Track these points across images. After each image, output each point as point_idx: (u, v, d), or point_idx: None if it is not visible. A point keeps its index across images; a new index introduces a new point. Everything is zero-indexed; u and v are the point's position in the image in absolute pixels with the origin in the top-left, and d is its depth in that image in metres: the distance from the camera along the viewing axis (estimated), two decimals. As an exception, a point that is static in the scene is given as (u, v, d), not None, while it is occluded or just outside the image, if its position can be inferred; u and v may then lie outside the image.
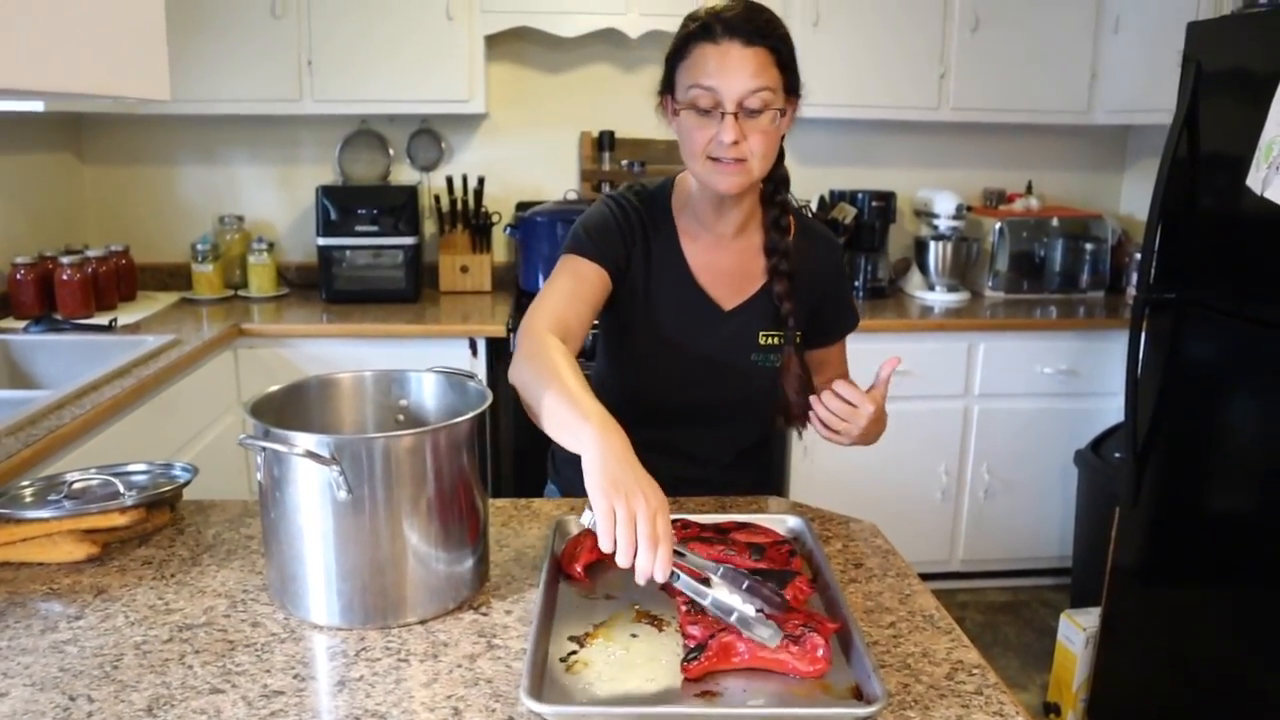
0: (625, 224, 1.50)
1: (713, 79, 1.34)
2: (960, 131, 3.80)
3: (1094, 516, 3.08)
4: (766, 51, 1.35)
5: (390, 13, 3.17)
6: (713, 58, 1.35)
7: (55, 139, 3.38)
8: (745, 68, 1.34)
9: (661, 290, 1.52)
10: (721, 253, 1.53)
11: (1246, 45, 2.21)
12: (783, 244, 1.49)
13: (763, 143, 1.37)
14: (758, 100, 1.34)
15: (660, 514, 1.03)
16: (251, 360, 3.01)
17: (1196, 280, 2.35)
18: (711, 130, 1.36)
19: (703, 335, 1.52)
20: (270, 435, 1.10)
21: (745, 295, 1.53)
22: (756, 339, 1.52)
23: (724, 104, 1.34)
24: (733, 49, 1.34)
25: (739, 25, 1.34)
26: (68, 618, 1.15)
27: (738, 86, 1.34)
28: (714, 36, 1.35)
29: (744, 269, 1.53)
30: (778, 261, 1.50)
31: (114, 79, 1.27)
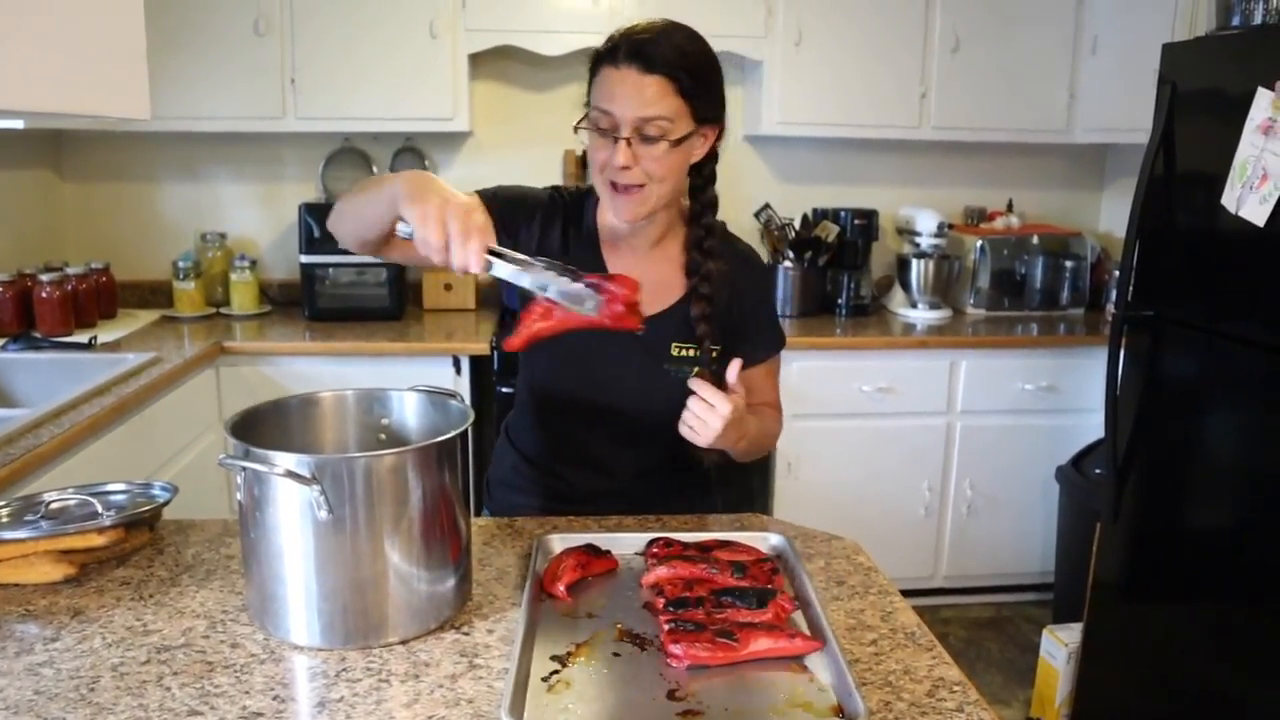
0: (549, 215, 1.52)
1: (610, 103, 1.35)
2: (941, 150, 3.84)
3: (1075, 532, 3.09)
4: (665, 80, 1.34)
5: (374, 31, 3.17)
6: (613, 81, 1.36)
7: (35, 156, 3.37)
8: (640, 95, 1.34)
9: None
10: (638, 261, 1.52)
11: (1221, 66, 2.24)
12: (704, 266, 1.49)
13: (660, 168, 1.37)
14: (654, 128, 1.35)
15: (472, 212, 1.13)
16: (233, 378, 3.00)
17: (1174, 297, 2.37)
18: (608, 151, 1.37)
19: (615, 339, 1.51)
20: (250, 455, 1.09)
21: (661, 305, 1.52)
22: (669, 349, 1.51)
23: (619, 128, 1.35)
24: (630, 75, 1.34)
25: (640, 51, 1.34)
26: (44, 639, 1.14)
27: (631, 112, 1.34)
28: (616, 60, 1.36)
29: (662, 280, 1.52)
30: (697, 283, 1.49)
31: (94, 98, 1.27)
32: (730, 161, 3.85)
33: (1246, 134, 2.10)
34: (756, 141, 3.76)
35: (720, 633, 1.10)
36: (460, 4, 3.19)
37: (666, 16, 1.47)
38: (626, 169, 1.36)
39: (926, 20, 3.41)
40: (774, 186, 3.80)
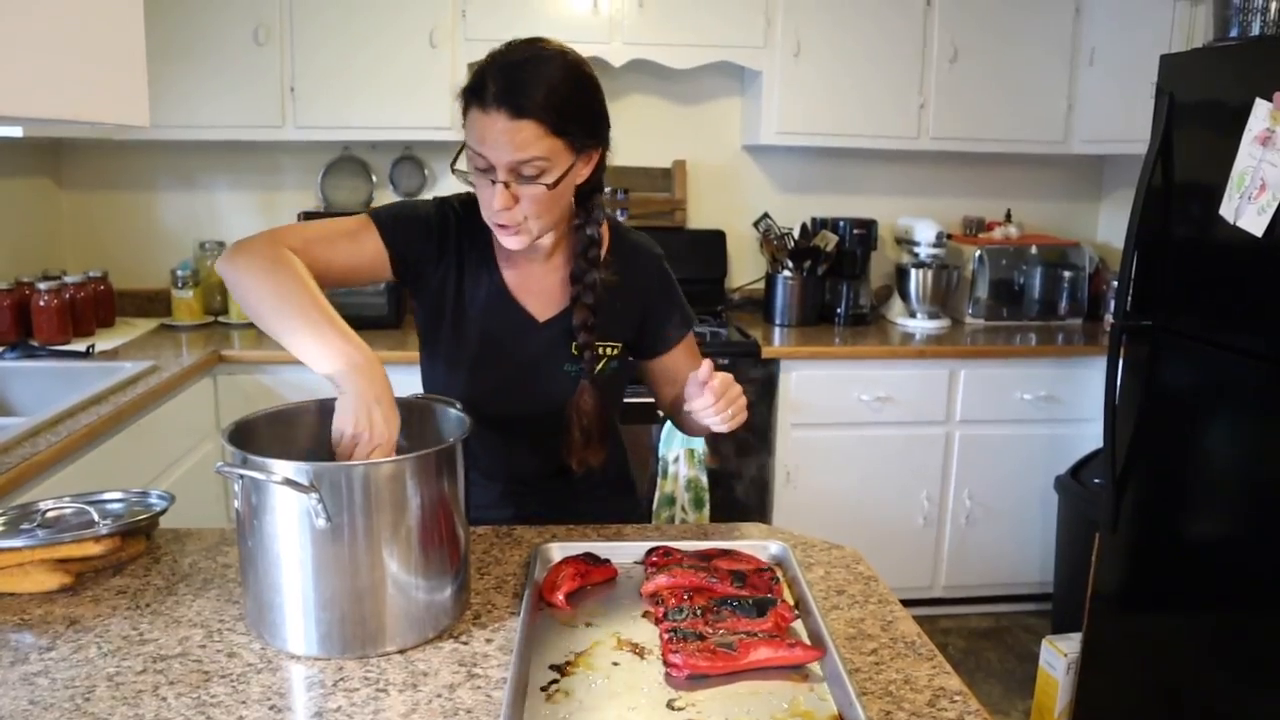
0: (441, 228, 1.49)
1: (482, 147, 1.32)
2: (940, 160, 3.84)
3: (1074, 542, 3.09)
4: (536, 124, 1.29)
5: (373, 40, 3.18)
6: (483, 125, 1.31)
7: (33, 164, 3.37)
8: (511, 141, 1.29)
9: (475, 300, 1.51)
10: (534, 270, 1.53)
11: (1218, 77, 2.24)
12: (589, 275, 1.48)
13: (537, 205, 1.35)
14: (530, 169, 1.32)
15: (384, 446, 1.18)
16: (231, 387, 2.99)
17: (1172, 308, 2.37)
18: (488, 191, 1.35)
19: (517, 344, 1.52)
20: (248, 463, 1.09)
21: (558, 309, 1.53)
22: (569, 349, 1.51)
23: (494, 171, 1.33)
24: (499, 120, 1.29)
25: (506, 96, 1.28)
26: (39, 649, 1.13)
27: (506, 157, 1.30)
28: (484, 102, 1.30)
29: (557, 285, 1.53)
30: (580, 291, 1.49)
31: (93, 106, 1.27)
32: (729, 171, 3.88)
33: (1244, 145, 2.11)
34: (755, 151, 3.76)
35: (720, 642, 1.09)
36: (460, 13, 3.19)
37: (655, 28, 1.46)
38: (506, 210, 1.34)
39: (925, 31, 3.42)
40: (773, 196, 3.80)
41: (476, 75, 1.34)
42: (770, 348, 3.19)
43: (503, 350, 1.52)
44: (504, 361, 1.52)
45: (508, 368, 1.53)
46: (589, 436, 1.52)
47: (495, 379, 1.53)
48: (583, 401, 1.51)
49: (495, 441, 1.56)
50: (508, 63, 1.33)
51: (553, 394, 1.52)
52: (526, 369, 1.53)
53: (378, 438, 1.17)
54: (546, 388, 1.53)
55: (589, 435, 1.52)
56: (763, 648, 1.09)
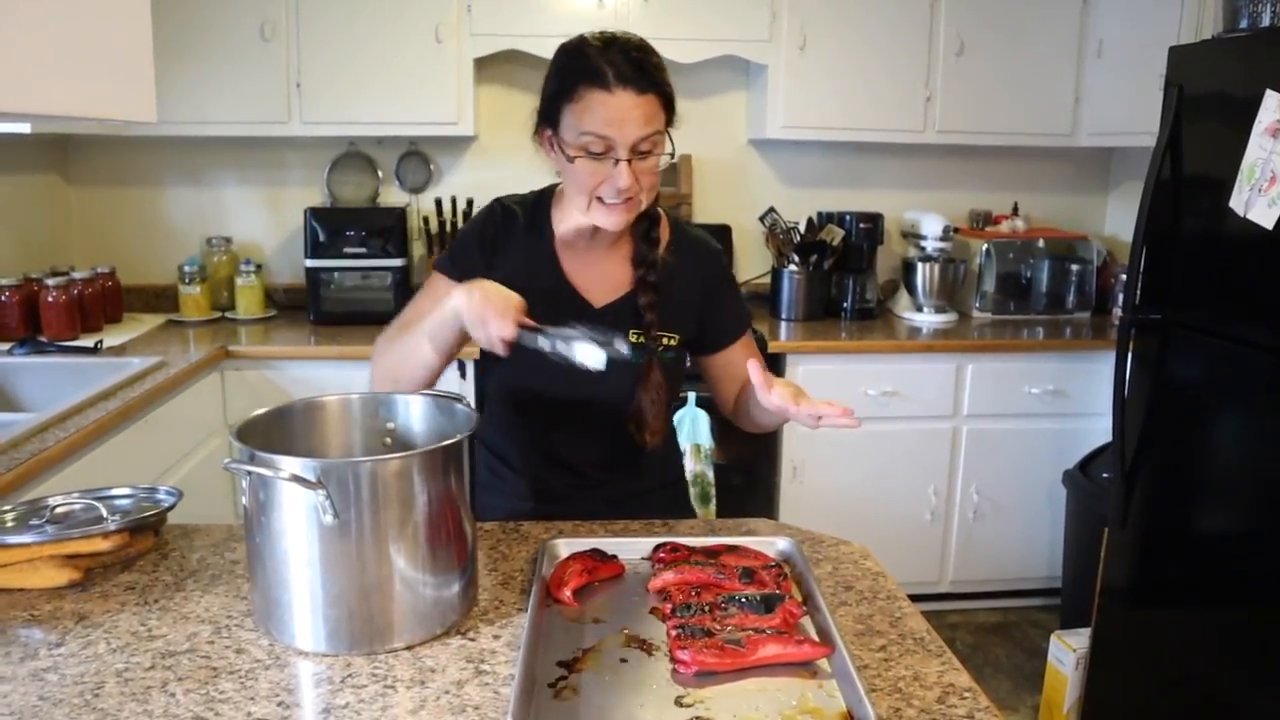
0: (488, 232, 1.56)
1: (606, 127, 1.36)
2: (946, 154, 3.83)
3: (1083, 537, 3.08)
4: (655, 98, 1.37)
5: (379, 36, 3.18)
6: (607, 106, 1.35)
7: (42, 160, 3.37)
8: (639, 116, 1.36)
9: (533, 289, 1.50)
10: (594, 257, 1.56)
11: (1227, 69, 2.23)
12: (650, 255, 1.52)
13: (651, 180, 1.42)
14: (649, 144, 1.38)
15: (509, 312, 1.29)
16: (238, 382, 3.00)
17: (1181, 301, 2.36)
18: (603, 174, 1.38)
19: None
20: (256, 459, 1.09)
21: (615, 295, 1.56)
22: (627, 335, 1.52)
23: (618, 151, 1.37)
24: (626, 98, 1.35)
25: (631, 74, 1.35)
26: (48, 645, 1.14)
27: (632, 135, 1.36)
28: (607, 84, 1.35)
29: (618, 272, 1.56)
30: (644, 272, 1.53)
31: (100, 102, 1.27)
32: (735, 165, 3.87)
33: (1254, 136, 2.09)
34: (761, 145, 3.75)
35: (728, 639, 1.09)
36: (465, 9, 3.19)
37: (660, 22, 1.50)
38: (631, 186, 1.38)
39: (931, 24, 3.40)
40: (779, 190, 3.79)
41: (585, 63, 1.38)
42: (776, 342, 3.18)
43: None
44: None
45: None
46: (657, 409, 1.54)
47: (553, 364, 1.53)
48: (653, 376, 1.53)
49: (547, 433, 1.59)
50: (616, 47, 1.39)
51: (608, 380, 1.51)
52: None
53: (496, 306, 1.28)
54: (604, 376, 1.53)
55: (657, 408, 1.54)
56: (771, 644, 1.09)
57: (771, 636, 1.10)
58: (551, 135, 1.44)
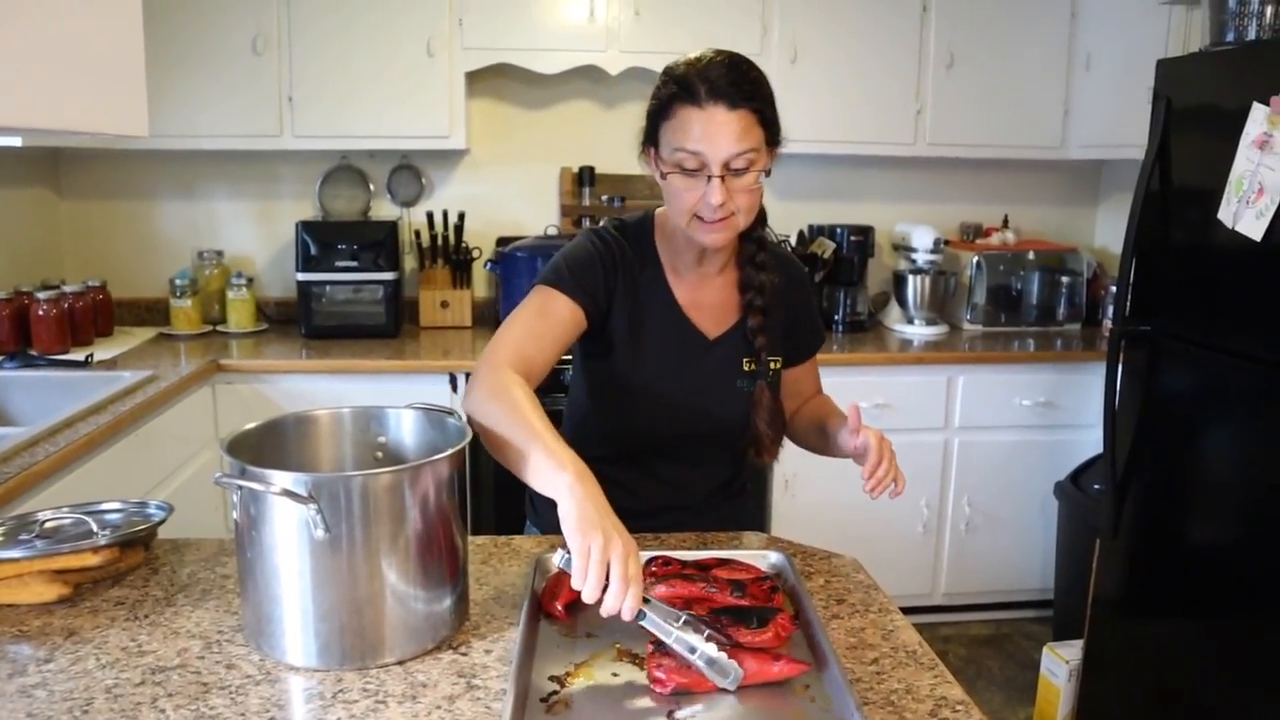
0: (609, 259, 1.50)
1: (698, 143, 1.34)
2: (937, 166, 3.85)
3: (1075, 548, 3.08)
4: (750, 113, 1.35)
5: (371, 49, 3.18)
6: (698, 122, 1.34)
7: (33, 174, 3.37)
8: (730, 132, 1.33)
9: (649, 323, 1.52)
10: (705, 285, 1.55)
11: (1215, 82, 2.25)
12: (757, 280, 1.51)
13: (748, 199, 1.39)
14: (743, 161, 1.35)
15: (632, 558, 1.06)
16: (230, 396, 2.99)
17: (1171, 312, 2.37)
18: (698, 191, 1.37)
19: (690, 365, 1.53)
20: (247, 473, 1.08)
21: (728, 325, 1.55)
22: (741, 366, 1.54)
23: (710, 167, 1.35)
24: (718, 113, 1.33)
25: (724, 89, 1.33)
26: (37, 661, 1.13)
27: (724, 151, 1.34)
28: (698, 100, 1.34)
29: (726, 300, 1.56)
30: (752, 297, 1.52)
31: (92, 116, 1.27)
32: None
33: (1242, 149, 2.11)
34: (753, 158, 3.76)
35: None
36: (457, 22, 3.20)
37: (651, 35, 1.49)
38: (723, 204, 1.36)
39: (921, 37, 3.43)
40: (770, 203, 3.73)
41: (679, 80, 1.37)
42: (769, 354, 3.18)
43: (678, 372, 1.53)
44: (680, 383, 1.53)
45: (683, 389, 1.53)
46: (776, 430, 1.54)
47: (669, 402, 1.53)
48: (764, 398, 1.53)
49: (659, 464, 1.57)
50: (710, 63, 1.36)
51: (724, 413, 1.54)
52: (700, 389, 1.53)
53: (624, 538, 1.08)
54: (718, 406, 1.54)
55: (776, 429, 1.54)
56: (748, 662, 1.08)
57: (748, 654, 1.09)
58: (654, 154, 1.43)
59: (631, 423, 1.56)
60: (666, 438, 1.56)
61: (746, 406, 1.53)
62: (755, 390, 1.53)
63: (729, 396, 1.54)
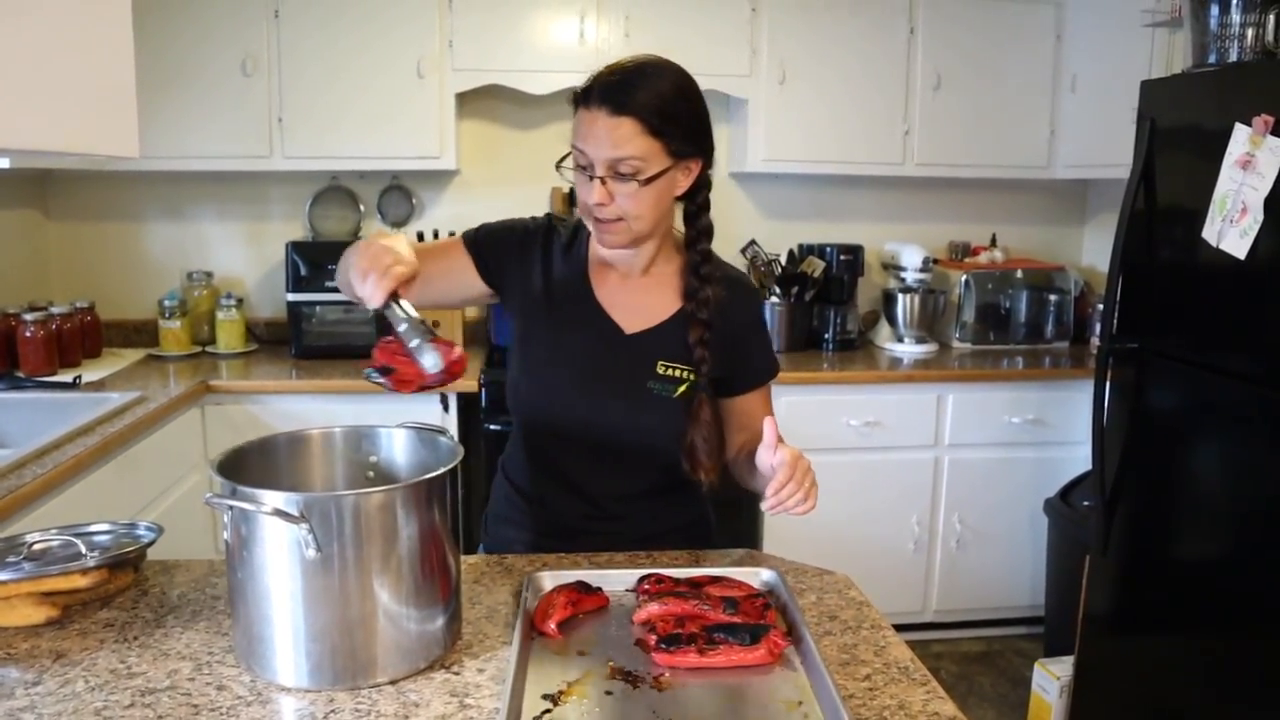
0: (528, 241, 1.57)
1: (582, 142, 1.40)
2: (925, 186, 3.88)
3: (1065, 565, 3.09)
4: (635, 121, 1.37)
5: (361, 71, 3.20)
6: (586, 122, 1.39)
7: (21, 195, 3.36)
8: (609, 136, 1.37)
9: (565, 308, 1.55)
10: (628, 283, 1.56)
11: (1199, 102, 2.27)
12: (701, 292, 1.51)
13: (634, 204, 1.41)
14: (626, 167, 1.38)
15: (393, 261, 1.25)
16: (219, 417, 2.98)
17: (1158, 330, 2.39)
18: (587, 188, 1.41)
19: (602, 354, 1.53)
20: (237, 493, 1.08)
21: (648, 324, 1.55)
22: (655, 367, 1.52)
23: (593, 167, 1.39)
24: (600, 117, 1.38)
25: (609, 94, 1.38)
26: (25, 684, 1.12)
27: (603, 154, 1.38)
28: (589, 101, 1.39)
29: (651, 300, 1.56)
30: (694, 309, 1.51)
31: (82, 137, 1.27)
32: (716, 198, 3.84)
33: (1225, 168, 2.13)
34: (742, 179, 3.79)
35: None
36: (447, 44, 3.21)
37: (650, 53, 1.50)
38: (602, 205, 1.40)
39: (908, 59, 3.46)
40: (760, 223, 3.82)
41: (587, 80, 1.43)
42: (759, 373, 3.18)
43: (589, 358, 1.54)
44: (590, 370, 1.53)
45: (593, 376, 1.53)
46: (710, 445, 1.52)
47: (577, 387, 1.54)
48: (702, 411, 1.52)
49: (579, 458, 1.56)
50: (616, 68, 1.43)
51: (635, 411, 1.53)
52: (609, 381, 1.53)
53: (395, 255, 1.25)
54: (629, 403, 1.53)
55: (710, 444, 1.52)
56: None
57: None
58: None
59: (543, 405, 1.55)
60: (574, 435, 1.53)
61: (658, 412, 1.51)
62: (694, 405, 1.51)
63: (638, 396, 1.52)
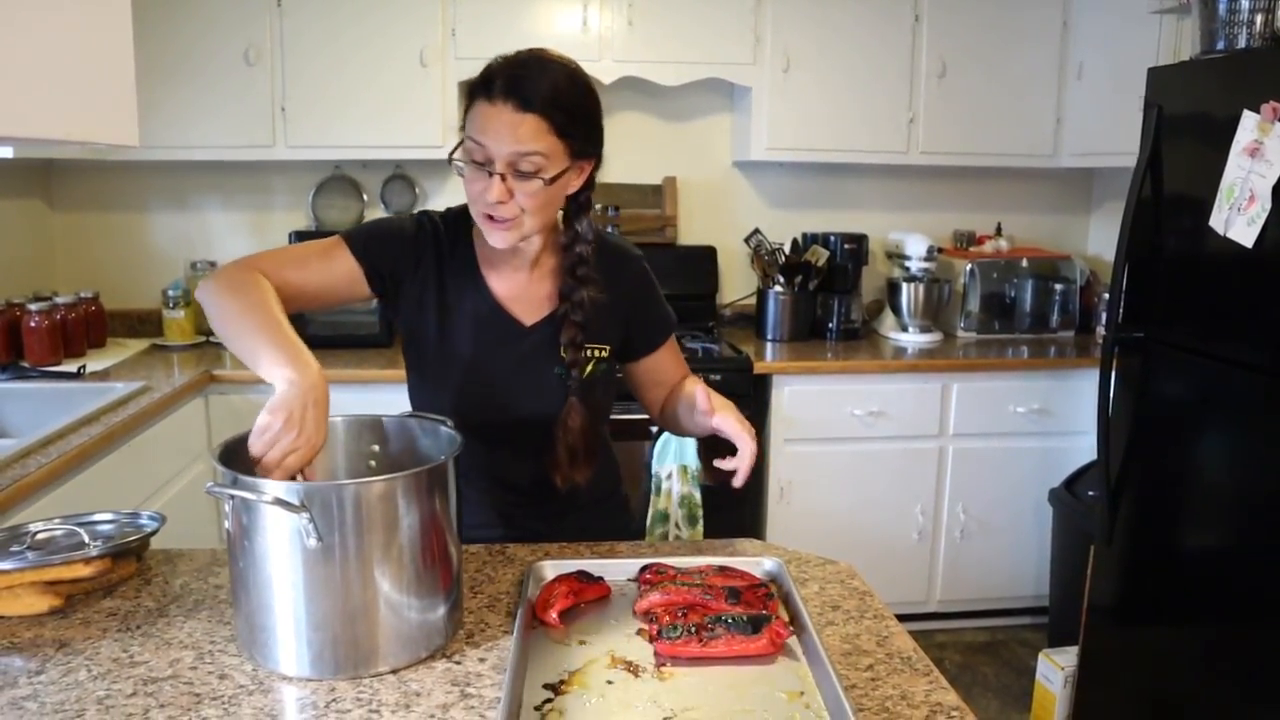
0: (418, 241, 1.51)
1: (484, 136, 1.35)
2: (930, 175, 3.86)
3: (1069, 555, 3.08)
4: (540, 119, 1.34)
5: (364, 60, 3.19)
6: (487, 116, 1.35)
7: (25, 185, 3.36)
8: (514, 133, 1.33)
9: (459, 309, 1.52)
10: (519, 276, 1.54)
11: (1206, 90, 2.26)
12: (577, 294, 1.50)
13: (533, 202, 1.38)
14: (529, 164, 1.35)
15: (302, 450, 1.12)
16: (223, 407, 2.98)
17: (1164, 319, 2.38)
18: (482, 184, 1.37)
19: (504, 349, 1.53)
20: (238, 483, 1.08)
21: (543, 314, 1.54)
22: (559, 352, 1.52)
23: (493, 162, 1.35)
24: (504, 112, 1.33)
25: (515, 88, 1.33)
26: (28, 672, 1.12)
27: (506, 149, 1.34)
28: (491, 94, 1.35)
29: (544, 291, 1.55)
30: (568, 309, 1.50)
31: (82, 125, 1.27)
32: (720, 187, 3.89)
33: (1233, 156, 2.12)
34: (746, 167, 3.77)
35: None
36: (450, 33, 3.20)
37: (645, 45, 1.48)
38: (501, 203, 1.36)
39: (913, 46, 3.44)
40: (764, 212, 3.81)
41: (484, 71, 1.39)
42: (762, 363, 3.19)
43: (491, 356, 1.52)
44: (493, 367, 1.52)
45: (496, 373, 1.53)
46: (575, 454, 1.52)
47: (484, 386, 1.53)
48: (570, 418, 1.51)
49: (485, 453, 1.54)
50: (517, 61, 1.39)
51: (542, 397, 1.52)
52: (515, 373, 1.53)
53: (306, 437, 1.13)
54: (536, 391, 1.52)
55: (575, 453, 1.52)
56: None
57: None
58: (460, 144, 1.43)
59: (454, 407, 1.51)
60: (489, 425, 1.52)
61: (564, 393, 1.51)
62: (565, 407, 1.51)
63: (546, 382, 1.52)
